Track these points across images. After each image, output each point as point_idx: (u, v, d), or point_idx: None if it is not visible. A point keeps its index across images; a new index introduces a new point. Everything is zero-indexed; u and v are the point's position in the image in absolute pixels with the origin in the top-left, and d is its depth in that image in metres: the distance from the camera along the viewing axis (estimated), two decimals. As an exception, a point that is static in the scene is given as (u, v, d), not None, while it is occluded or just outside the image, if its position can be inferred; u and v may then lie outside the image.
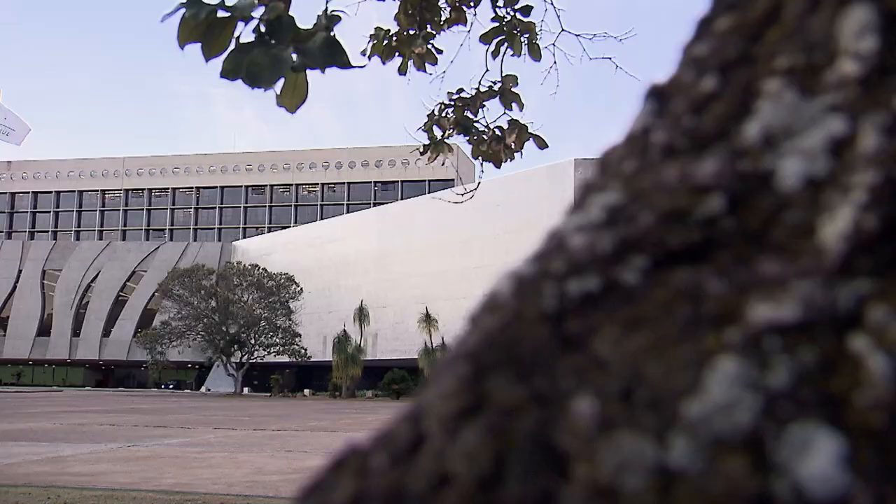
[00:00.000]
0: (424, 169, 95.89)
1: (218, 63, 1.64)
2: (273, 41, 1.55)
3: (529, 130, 4.01)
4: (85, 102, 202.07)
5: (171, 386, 78.90)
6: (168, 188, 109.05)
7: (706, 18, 0.49)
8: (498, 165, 4.14)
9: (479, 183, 4.53)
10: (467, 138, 4.11)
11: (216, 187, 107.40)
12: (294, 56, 1.58)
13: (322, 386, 61.13)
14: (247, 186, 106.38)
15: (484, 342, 0.43)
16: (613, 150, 0.50)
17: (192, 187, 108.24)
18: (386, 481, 0.38)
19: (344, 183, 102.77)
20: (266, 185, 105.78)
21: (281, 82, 1.68)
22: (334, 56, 1.58)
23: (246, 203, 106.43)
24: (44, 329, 77.69)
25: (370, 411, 31.58)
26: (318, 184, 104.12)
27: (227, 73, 1.52)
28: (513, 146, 4.00)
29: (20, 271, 78.50)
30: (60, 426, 18.55)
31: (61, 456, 11.47)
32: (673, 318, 0.36)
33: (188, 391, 69.64)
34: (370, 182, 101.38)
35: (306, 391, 60.75)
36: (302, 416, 25.90)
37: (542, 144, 4.09)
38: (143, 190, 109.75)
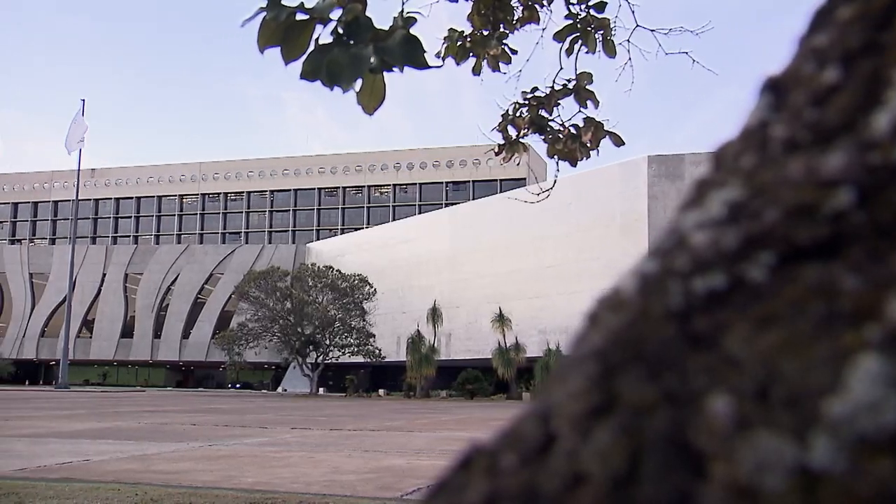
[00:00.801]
0: (496, 168, 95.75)
1: (295, 66, 1.64)
2: (351, 42, 1.55)
3: (605, 128, 3.94)
4: (162, 110, 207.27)
5: (238, 386, 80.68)
6: (243, 192, 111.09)
7: (825, 9, 0.47)
8: (574, 164, 4.09)
9: (556, 182, 4.47)
10: (542, 137, 4.07)
11: (290, 190, 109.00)
12: (372, 57, 1.57)
13: (396, 386, 61.48)
14: (320, 189, 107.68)
15: (610, 341, 0.43)
16: (728, 146, 0.49)
17: (266, 190, 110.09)
18: (518, 480, 0.38)
19: (415, 184, 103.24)
20: (338, 187, 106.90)
21: (359, 84, 1.68)
22: (413, 55, 1.56)
23: (319, 205, 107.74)
24: (127, 331, 79.82)
25: (445, 411, 31.63)
26: (389, 185, 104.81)
27: (307, 74, 1.53)
28: (589, 144, 3.94)
29: (104, 275, 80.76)
30: (144, 425, 19.03)
31: (146, 454, 11.74)
32: (806, 315, 0.35)
33: (265, 391, 70.79)
34: (442, 182, 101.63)
35: (381, 391, 61.20)
36: (377, 416, 26.06)
37: (618, 142, 4.02)
38: (218, 194, 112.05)
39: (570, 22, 3.92)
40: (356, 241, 74.25)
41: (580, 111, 4.03)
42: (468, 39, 3.86)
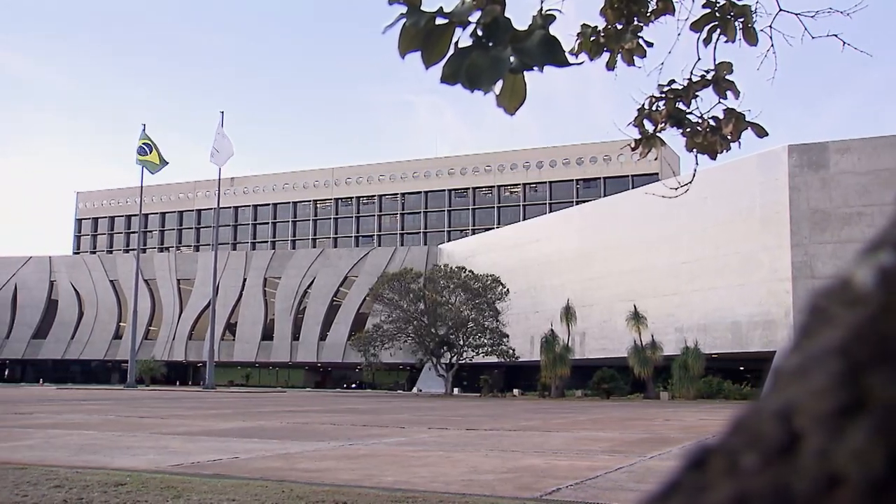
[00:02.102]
0: (627, 164, 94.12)
1: (431, 70, 1.65)
2: (491, 43, 1.55)
3: (747, 119, 3.80)
4: (295, 118, 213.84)
5: (353, 386, 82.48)
6: (375, 195, 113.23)
7: None
8: (714, 157, 3.96)
9: (695, 175, 4.34)
10: (681, 131, 3.96)
11: (420, 192, 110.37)
12: (512, 57, 1.56)
13: (530, 386, 61.28)
14: (450, 190, 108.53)
15: (852, 337, 0.41)
16: None
17: (397, 193, 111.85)
18: (765, 481, 0.38)
19: (545, 182, 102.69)
20: (469, 188, 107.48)
21: (499, 85, 1.67)
22: (553, 54, 1.55)
23: (450, 206, 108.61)
24: (267, 333, 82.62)
25: (581, 411, 31.29)
26: (519, 184, 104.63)
27: (448, 78, 1.53)
28: (729, 136, 3.81)
29: (245, 280, 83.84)
30: (287, 425, 19.64)
31: (289, 452, 12.10)
32: None
33: (401, 392, 71.90)
34: (572, 180, 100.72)
35: (515, 391, 61.15)
36: (512, 416, 26.04)
37: (760, 133, 3.87)
38: (351, 198, 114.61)
39: (708, 11, 3.80)
40: (487, 241, 74.43)
41: (719, 102, 3.90)
42: (602, 35, 3.80)
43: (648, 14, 3.92)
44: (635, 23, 3.87)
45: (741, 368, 53.70)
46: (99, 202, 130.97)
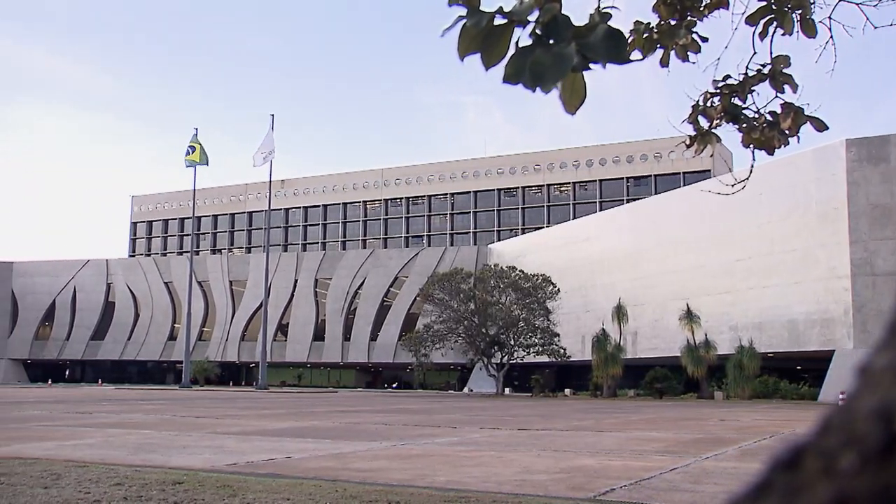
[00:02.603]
0: (678, 161, 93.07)
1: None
2: (552, 41, 1.54)
3: (805, 113, 3.73)
4: (344, 120, 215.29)
5: (395, 386, 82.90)
6: (424, 196, 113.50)
7: None
8: (771, 152, 3.89)
9: (752, 171, 4.27)
10: (736, 126, 3.89)
11: (470, 192, 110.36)
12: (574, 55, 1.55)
13: (582, 385, 60.93)
14: (499, 189, 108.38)
15: None
16: None
17: (446, 193, 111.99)
18: (868, 483, 0.37)
19: (595, 180, 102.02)
20: (518, 188, 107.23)
21: (558, 84, 1.66)
22: (616, 50, 1.54)
23: (499, 206, 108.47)
24: (318, 334, 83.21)
25: (633, 411, 31.03)
26: (569, 183, 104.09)
27: (510, 78, 1.53)
28: (788, 131, 3.74)
29: (296, 281, 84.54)
30: (339, 425, 19.80)
31: (342, 452, 12.20)
32: None
33: (452, 392, 71.96)
34: (622, 178, 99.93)
35: (567, 391, 60.86)
36: (564, 416, 25.93)
37: (820, 127, 3.79)
38: (401, 199, 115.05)
39: (764, 3, 3.73)
40: (537, 240, 74.14)
41: (776, 97, 3.83)
42: (655, 31, 3.75)
43: (702, 9, 3.86)
44: (689, 18, 3.82)
45: (798, 368, 52.72)
46: (153, 205, 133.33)
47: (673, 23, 3.79)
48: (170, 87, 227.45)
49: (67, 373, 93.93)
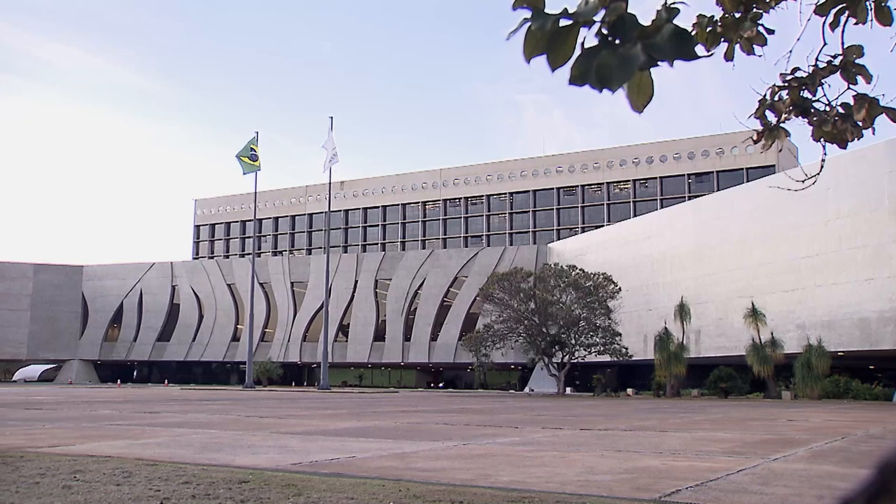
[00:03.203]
0: (741, 157, 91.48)
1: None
2: (618, 41, 1.52)
3: (881, 104, 3.61)
4: (402, 121, 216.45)
5: (441, 385, 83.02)
6: (483, 195, 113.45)
7: None
8: (843, 146, 3.78)
9: (823, 166, 4.17)
10: (806, 120, 3.80)
11: (529, 191, 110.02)
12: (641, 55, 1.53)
13: (645, 385, 60.30)
14: (559, 188, 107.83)
15: None
16: None
17: (505, 193, 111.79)
18: None
19: (656, 178, 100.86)
20: (577, 186, 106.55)
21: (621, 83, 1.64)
22: (683, 48, 1.51)
23: (558, 205, 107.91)
24: (379, 334, 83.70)
25: (698, 411, 30.58)
26: (629, 180, 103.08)
27: (576, 79, 1.51)
28: (861, 123, 3.63)
29: (356, 282, 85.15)
30: (400, 424, 19.88)
31: (405, 452, 12.24)
32: None
33: (512, 392, 71.81)
34: (683, 175, 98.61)
35: (629, 390, 60.28)
36: (627, 416, 25.67)
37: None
38: (459, 199, 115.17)
39: (836, -8, 3.63)
40: (597, 239, 73.57)
41: (848, 88, 3.72)
42: (719, 24, 3.68)
43: (768, 0, 3.77)
44: (754, 10, 3.74)
45: (871, 367, 51.37)
46: (215, 208, 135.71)
47: (738, 15, 3.71)
48: (230, 92, 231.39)
49: (136, 373, 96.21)
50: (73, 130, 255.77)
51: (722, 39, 3.76)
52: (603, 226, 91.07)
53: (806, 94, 3.78)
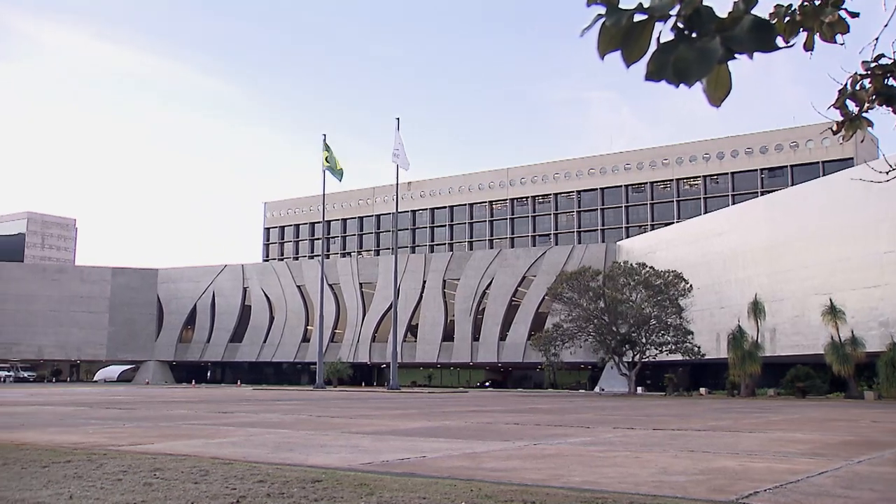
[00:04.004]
0: (817, 150, 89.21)
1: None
2: (695, 35, 1.48)
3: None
4: (468, 120, 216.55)
5: (486, 385, 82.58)
6: (550, 194, 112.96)
7: None
8: (929, 137, 3.64)
9: (906, 160, 4.01)
10: (891, 108, 3.66)
11: (596, 189, 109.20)
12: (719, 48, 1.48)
13: (718, 384, 59.24)
14: (627, 185, 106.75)
15: None
16: None
17: (572, 191, 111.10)
18: None
19: (727, 173, 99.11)
20: (646, 183, 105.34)
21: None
22: (765, 39, 1.46)
23: (627, 202, 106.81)
24: (447, 334, 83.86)
25: (774, 410, 29.90)
26: (699, 176, 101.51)
27: (653, 75, 1.48)
28: (952, 112, 3.48)
29: (424, 282, 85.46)
30: (471, 424, 19.88)
31: (476, 452, 12.23)
32: None
33: (582, 391, 71.28)
34: (755, 170, 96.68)
35: (702, 390, 59.30)
36: (701, 416, 25.24)
37: None
38: (526, 198, 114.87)
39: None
40: (667, 236, 72.55)
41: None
42: (798, 13, 3.56)
43: (850, -14, 3.64)
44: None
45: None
46: (284, 211, 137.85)
47: (818, 2, 3.59)
48: (298, 95, 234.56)
49: (209, 374, 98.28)
50: (147, 137, 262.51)
51: (801, 29, 3.64)
52: (672, 223, 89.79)
53: (891, 81, 3.65)
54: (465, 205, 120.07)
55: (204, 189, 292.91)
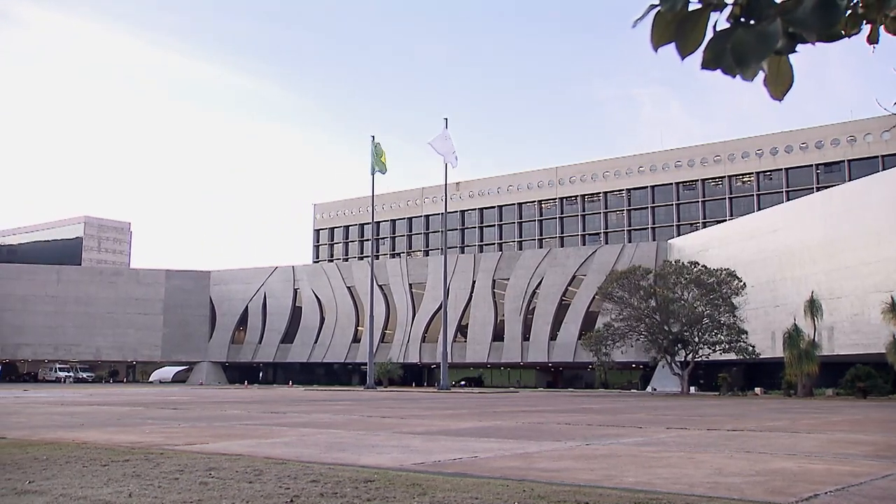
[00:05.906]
0: (875, 144, 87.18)
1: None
2: (753, 21, 1.43)
3: None
4: (516, 120, 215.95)
5: (519, 383, 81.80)
6: (600, 192, 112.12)
7: None
8: None
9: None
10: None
11: (647, 187, 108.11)
12: (779, 36, 1.43)
13: (774, 384, 58.20)
14: (678, 183, 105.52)
15: None
16: None
17: (622, 189, 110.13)
18: None
19: (781, 169, 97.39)
20: (697, 180, 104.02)
21: (761, 73, 1.54)
22: (829, 21, 1.40)
23: (678, 200, 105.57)
24: (497, 334, 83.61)
25: (833, 411, 29.28)
26: (752, 173, 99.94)
27: (709, 63, 1.43)
28: None
29: (474, 282, 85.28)
30: (522, 424, 19.83)
31: (528, 452, 12.18)
32: None
33: (634, 391, 70.62)
34: (811, 165, 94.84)
35: (757, 389, 58.30)
36: (756, 416, 24.83)
37: None
38: (576, 197, 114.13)
39: None
40: (720, 234, 71.52)
41: None
42: (860, 5, 3.44)
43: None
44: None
45: None
46: (333, 213, 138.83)
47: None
48: (347, 97, 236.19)
49: (261, 374, 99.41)
50: (199, 142, 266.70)
51: (864, 21, 3.51)
52: (725, 220, 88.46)
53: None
54: (514, 204, 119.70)
55: (255, 191, 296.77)
